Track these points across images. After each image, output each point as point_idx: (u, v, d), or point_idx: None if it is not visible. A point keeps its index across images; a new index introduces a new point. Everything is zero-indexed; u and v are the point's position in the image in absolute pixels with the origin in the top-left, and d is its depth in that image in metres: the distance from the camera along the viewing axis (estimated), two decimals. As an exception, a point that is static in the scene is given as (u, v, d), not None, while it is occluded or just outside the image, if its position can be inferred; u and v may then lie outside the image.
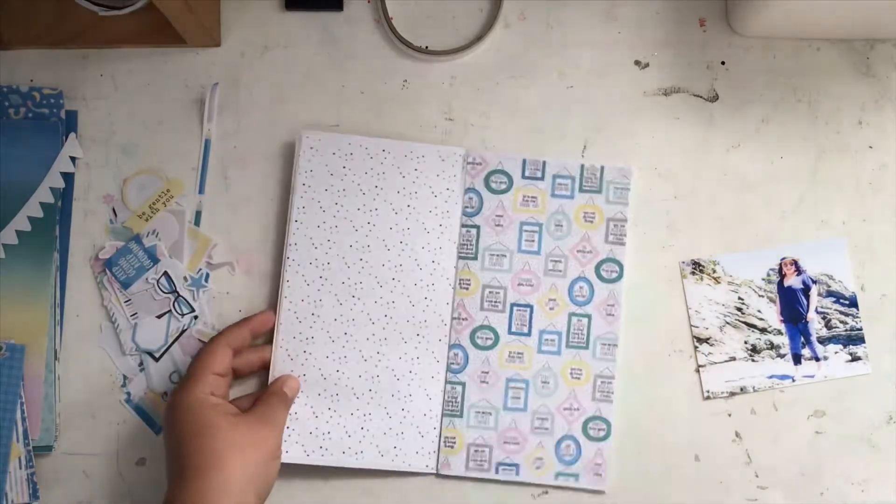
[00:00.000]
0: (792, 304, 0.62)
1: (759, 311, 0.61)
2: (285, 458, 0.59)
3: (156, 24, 0.63)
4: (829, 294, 0.62)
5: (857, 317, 0.61)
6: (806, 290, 0.62)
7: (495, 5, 0.65)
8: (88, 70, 0.65)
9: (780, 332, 0.61)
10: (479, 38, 0.65)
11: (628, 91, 0.65)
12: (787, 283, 0.62)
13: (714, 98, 0.64)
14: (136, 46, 0.65)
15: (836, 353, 0.61)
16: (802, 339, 0.61)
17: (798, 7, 0.60)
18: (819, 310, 0.62)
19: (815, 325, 0.61)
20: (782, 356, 0.61)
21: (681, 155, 0.64)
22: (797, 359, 0.61)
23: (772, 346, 0.61)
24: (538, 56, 0.65)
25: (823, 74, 0.65)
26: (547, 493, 0.61)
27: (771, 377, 0.61)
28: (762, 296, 0.62)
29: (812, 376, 0.61)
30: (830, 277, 0.62)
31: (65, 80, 0.65)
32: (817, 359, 0.61)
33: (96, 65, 0.65)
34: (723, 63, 0.65)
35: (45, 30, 0.64)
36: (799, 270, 0.62)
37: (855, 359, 0.61)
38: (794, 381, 0.61)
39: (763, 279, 0.62)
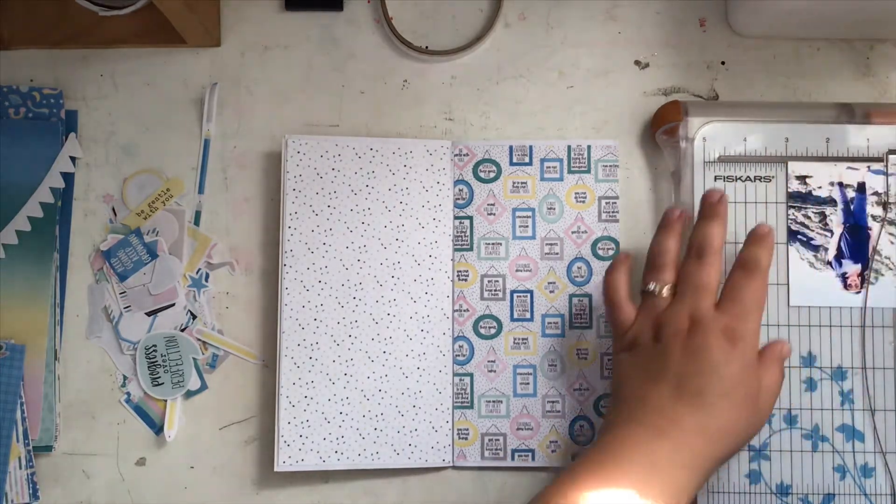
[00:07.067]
0: None
1: None
2: (301, 467, 0.59)
3: (156, 24, 0.63)
4: None
5: None
6: None
7: (495, 5, 0.65)
8: (88, 70, 0.65)
9: None
10: (479, 38, 0.65)
11: (628, 91, 0.65)
12: None
13: (714, 98, 0.64)
14: (136, 46, 0.65)
15: None
16: None
17: (798, 7, 0.61)
18: None
19: None
20: None
21: (681, 155, 0.64)
22: None
23: None
24: (538, 56, 0.65)
25: (823, 74, 0.65)
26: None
27: None
28: None
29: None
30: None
31: (65, 80, 0.65)
32: None
33: (96, 65, 0.65)
34: (723, 63, 0.65)
35: (45, 30, 0.64)
36: None
37: None
38: None
39: None
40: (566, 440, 0.61)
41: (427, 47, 0.65)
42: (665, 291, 0.54)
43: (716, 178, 0.60)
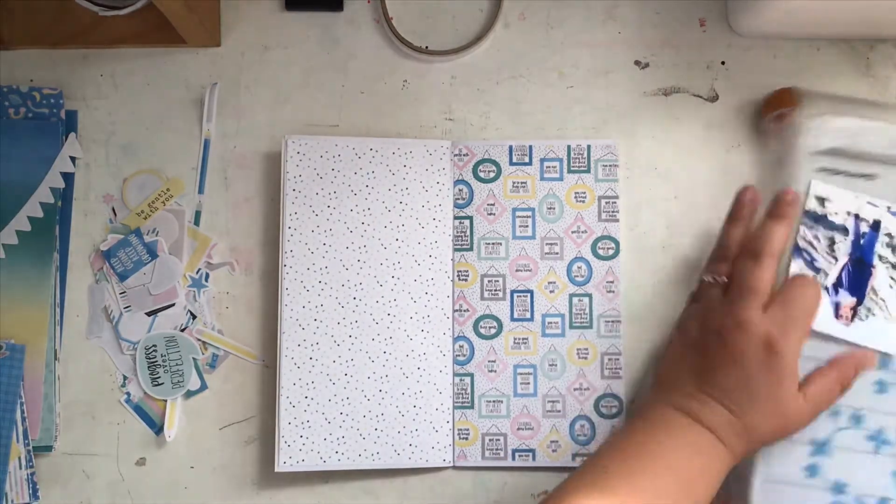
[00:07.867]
0: None
1: None
2: (302, 467, 0.59)
3: (156, 24, 0.63)
4: None
5: None
6: None
7: (495, 5, 0.65)
8: (88, 70, 0.65)
9: None
10: (479, 38, 0.65)
11: (628, 91, 0.65)
12: None
13: (714, 98, 0.64)
14: (136, 46, 0.65)
15: None
16: None
17: (798, 7, 0.61)
18: None
19: None
20: None
21: (681, 155, 0.64)
22: None
23: None
24: (538, 56, 0.65)
25: (823, 74, 0.65)
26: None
27: None
28: None
29: None
30: None
31: (65, 80, 0.65)
32: None
33: (96, 65, 0.65)
34: (723, 63, 0.65)
35: (45, 30, 0.64)
36: None
37: None
38: None
39: None
40: (567, 440, 0.61)
41: (427, 47, 0.65)
42: (719, 284, 0.55)
43: (819, 170, 0.59)
